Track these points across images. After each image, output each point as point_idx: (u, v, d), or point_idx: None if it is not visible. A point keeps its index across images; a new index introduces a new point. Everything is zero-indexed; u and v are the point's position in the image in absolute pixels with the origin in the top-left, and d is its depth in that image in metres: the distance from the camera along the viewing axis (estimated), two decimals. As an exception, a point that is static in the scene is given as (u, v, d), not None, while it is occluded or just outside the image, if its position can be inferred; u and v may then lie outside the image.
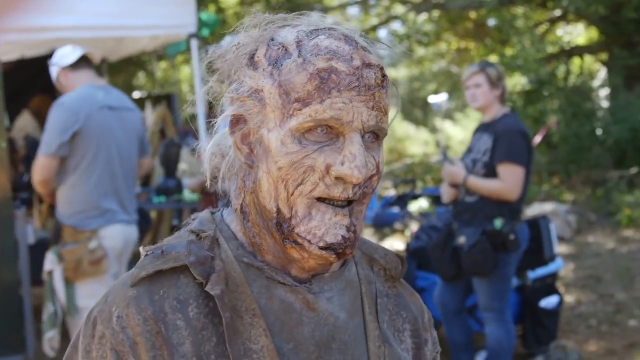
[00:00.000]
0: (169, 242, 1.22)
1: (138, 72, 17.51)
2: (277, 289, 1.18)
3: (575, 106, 13.08)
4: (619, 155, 12.70)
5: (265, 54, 1.16)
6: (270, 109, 1.14)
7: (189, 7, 6.53)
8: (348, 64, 1.11)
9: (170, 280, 1.16)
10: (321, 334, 1.19)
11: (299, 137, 1.11)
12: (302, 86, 1.10)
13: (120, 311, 1.12)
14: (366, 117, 1.11)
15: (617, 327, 6.46)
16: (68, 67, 4.59)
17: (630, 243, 9.40)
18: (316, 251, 1.13)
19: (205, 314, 1.14)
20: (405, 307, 1.37)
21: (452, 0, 15.16)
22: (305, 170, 1.11)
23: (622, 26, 13.14)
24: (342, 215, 1.13)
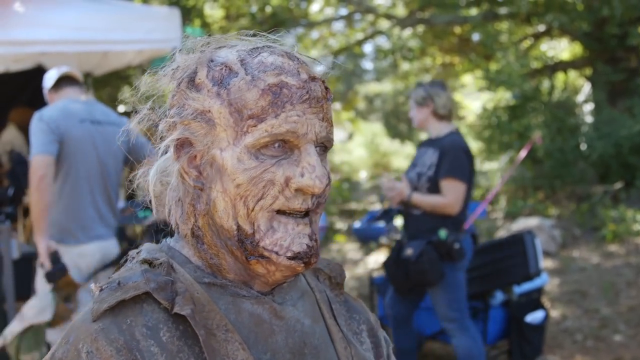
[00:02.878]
0: (121, 275, 1.18)
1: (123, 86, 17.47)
2: (244, 303, 1.18)
3: (559, 121, 13.14)
4: (604, 170, 12.76)
5: (207, 75, 1.17)
6: (221, 128, 1.15)
7: (174, 21, 6.53)
8: (297, 77, 1.14)
9: (134, 309, 1.12)
10: (294, 341, 1.20)
11: (255, 153, 1.12)
12: (255, 102, 1.12)
13: (89, 346, 1.07)
14: (318, 128, 1.15)
15: (603, 342, 6.47)
16: (52, 89, 4.66)
17: (615, 258, 9.43)
18: (285, 262, 1.14)
19: (177, 336, 1.12)
20: (356, 311, 1.41)
21: (436, 16, 15.22)
22: (265, 184, 1.12)
23: (606, 42, 13.23)
24: (303, 225, 1.15)
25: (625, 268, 8.82)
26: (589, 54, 14.50)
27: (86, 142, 4.49)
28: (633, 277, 8.40)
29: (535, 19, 14.40)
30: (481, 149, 15.47)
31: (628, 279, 8.32)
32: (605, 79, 13.32)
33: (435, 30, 16.60)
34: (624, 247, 9.92)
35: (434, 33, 16.80)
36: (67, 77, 4.68)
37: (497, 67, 13.69)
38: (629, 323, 6.90)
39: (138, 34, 6.41)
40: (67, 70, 4.69)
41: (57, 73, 4.66)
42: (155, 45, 6.76)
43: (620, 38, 12.78)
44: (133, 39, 6.46)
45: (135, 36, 6.42)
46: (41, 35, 5.84)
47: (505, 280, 5.50)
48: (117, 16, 6.30)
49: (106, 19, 6.21)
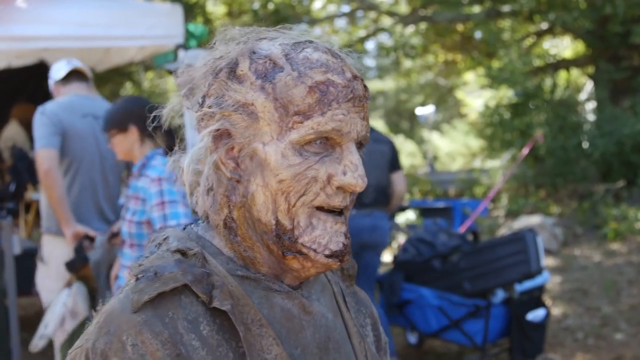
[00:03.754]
0: (154, 264, 1.15)
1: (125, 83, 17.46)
2: (275, 297, 1.19)
3: (561, 119, 13.13)
4: (605, 168, 12.76)
5: (250, 67, 1.16)
6: (264, 122, 1.14)
7: (176, 18, 6.52)
8: (342, 76, 1.14)
9: (173, 301, 1.11)
10: (320, 336, 1.22)
11: (299, 149, 1.12)
12: (302, 99, 1.11)
13: (134, 338, 1.06)
14: (360, 127, 1.15)
15: (604, 341, 6.47)
16: (60, 81, 4.65)
17: (616, 256, 9.43)
18: (322, 259, 1.15)
19: (216, 330, 1.12)
20: (363, 304, 1.42)
21: (439, 13, 15.21)
22: (308, 181, 1.12)
23: (608, 40, 13.22)
24: (341, 223, 1.17)
25: (626, 266, 8.81)
26: (592, 52, 14.50)
27: (88, 136, 4.51)
28: (634, 275, 8.40)
29: (537, 16, 14.39)
30: (483, 147, 15.47)
31: (629, 278, 8.32)
32: (608, 77, 13.32)
33: (438, 28, 16.59)
34: (625, 246, 9.92)
35: (437, 30, 16.80)
36: (77, 71, 4.68)
37: (500, 65, 13.69)
38: (630, 321, 6.90)
39: (140, 30, 6.41)
40: (78, 65, 4.69)
41: (67, 66, 4.65)
42: (157, 42, 6.75)
43: (623, 36, 12.77)
44: (135, 35, 6.46)
45: (138, 32, 6.42)
46: (43, 31, 5.84)
47: (506, 278, 5.50)
48: (119, 12, 6.29)
49: (108, 15, 6.20)
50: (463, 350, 6.22)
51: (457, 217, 10.66)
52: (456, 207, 11.00)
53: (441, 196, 15.52)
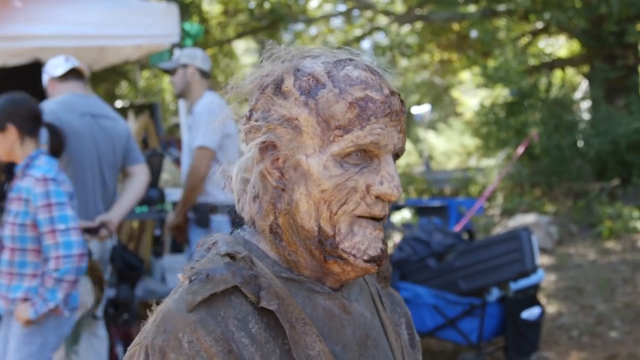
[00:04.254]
0: (205, 267, 1.24)
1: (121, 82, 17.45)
2: (318, 298, 1.27)
3: (556, 118, 13.15)
4: (600, 167, 12.78)
5: (294, 84, 1.24)
6: (307, 136, 1.22)
7: (172, 17, 6.53)
8: (380, 92, 1.22)
9: (224, 302, 1.20)
10: (359, 334, 1.30)
11: (340, 161, 1.21)
12: (343, 114, 1.20)
13: (190, 336, 1.14)
14: (397, 140, 1.24)
15: (598, 339, 6.50)
16: (56, 78, 4.64)
17: (611, 255, 9.45)
18: (361, 264, 1.22)
19: (264, 328, 1.21)
20: (397, 304, 1.50)
21: (435, 12, 15.22)
22: (348, 191, 1.20)
23: (603, 39, 13.23)
24: (379, 230, 1.25)
25: (621, 265, 8.84)
26: (587, 52, 14.52)
27: (86, 135, 4.52)
28: (629, 273, 8.43)
29: (533, 16, 14.41)
30: (479, 146, 15.50)
31: (624, 276, 8.35)
32: (603, 76, 13.32)
33: (434, 27, 16.60)
34: (620, 244, 9.94)
35: (432, 30, 16.80)
36: (75, 70, 4.68)
37: (495, 64, 13.70)
38: (624, 319, 6.93)
39: (136, 29, 6.41)
40: (76, 63, 4.69)
41: (65, 63, 4.65)
42: (153, 41, 6.76)
43: (618, 35, 12.79)
44: (131, 34, 6.46)
45: (133, 31, 6.42)
46: (39, 30, 5.84)
47: (501, 277, 5.52)
48: (115, 11, 6.30)
49: (104, 13, 6.21)
50: (458, 349, 6.23)
51: (452, 215, 10.68)
52: (452, 206, 11.02)
53: (437, 195, 15.54)
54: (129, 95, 18.12)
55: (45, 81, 4.73)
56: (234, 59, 20.92)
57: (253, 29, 16.92)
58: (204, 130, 4.87)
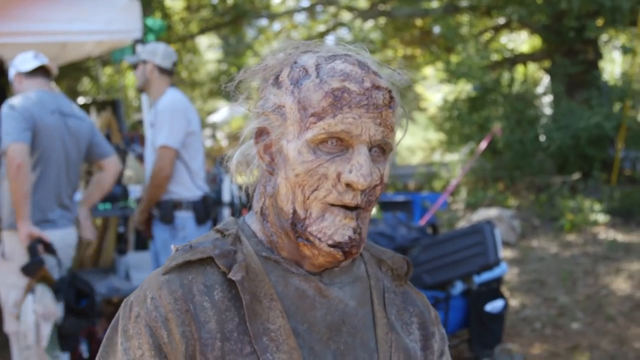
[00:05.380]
0: (197, 240, 1.37)
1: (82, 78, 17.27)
2: (292, 278, 1.33)
3: (519, 113, 13.28)
4: (562, 161, 12.93)
5: (288, 75, 1.32)
6: (290, 122, 1.29)
7: (134, 12, 6.48)
8: (359, 85, 1.26)
9: (198, 269, 1.32)
10: (332, 318, 1.33)
11: (314, 148, 1.26)
12: (318, 103, 1.25)
13: (154, 293, 1.28)
14: (373, 132, 1.26)
15: (561, 330, 6.58)
16: (24, 73, 4.63)
17: (572, 247, 9.57)
18: (325, 248, 1.27)
19: (228, 298, 1.30)
20: (412, 303, 1.51)
21: (398, 8, 15.28)
22: (319, 177, 1.26)
23: (564, 35, 13.38)
24: (350, 219, 1.28)
25: (582, 257, 8.96)
26: (548, 47, 14.66)
27: (55, 133, 4.53)
28: (590, 266, 8.54)
29: (495, 11, 14.52)
30: (442, 141, 15.58)
31: (585, 268, 8.46)
32: (564, 72, 13.47)
33: (397, 23, 16.66)
34: (581, 237, 10.07)
35: (396, 25, 16.87)
36: (43, 67, 4.67)
37: (458, 60, 13.79)
38: (586, 311, 7.02)
39: (97, 25, 6.36)
40: (46, 61, 4.67)
41: (35, 60, 4.63)
42: (115, 36, 6.71)
43: (578, 31, 12.94)
44: (92, 29, 6.41)
45: (95, 27, 6.37)
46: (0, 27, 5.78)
47: (465, 270, 5.56)
48: (76, 7, 6.24)
49: (65, 9, 6.15)
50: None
51: (416, 210, 10.73)
52: (416, 201, 11.07)
53: (401, 190, 15.60)
54: (91, 92, 17.94)
55: (11, 75, 4.71)
56: (197, 54, 20.81)
57: (216, 25, 16.85)
58: (167, 130, 4.84)
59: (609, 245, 9.33)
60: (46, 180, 4.49)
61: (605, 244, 9.47)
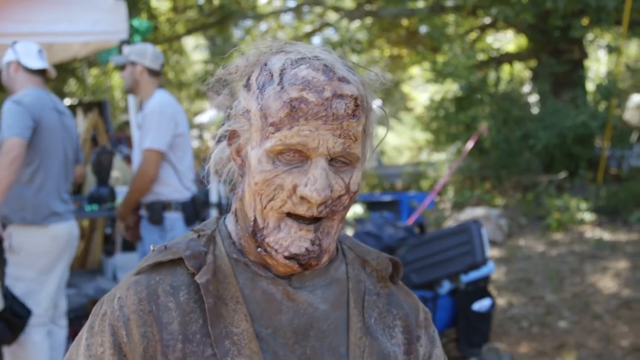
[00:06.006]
0: (175, 240, 1.38)
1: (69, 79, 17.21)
2: (261, 281, 1.32)
3: (505, 112, 13.32)
4: (548, 160, 12.97)
5: (257, 78, 1.29)
6: (254, 128, 1.27)
7: (120, 13, 6.46)
8: (318, 95, 1.21)
9: (168, 270, 1.32)
10: (299, 322, 1.32)
11: (273, 158, 1.24)
12: (277, 112, 1.22)
13: (122, 293, 1.30)
14: (332, 144, 1.22)
15: (548, 329, 6.61)
16: (27, 69, 4.60)
17: (559, 246, 9.61)
18: (282, 260, 1.26)
19: (194, 300, 1.29)
20: (397, 305, 1.47)
21: (384, 8, 15.31)
22: (275, 187, 1.23)
23: (549, 34, 13.43)
24: (306, 230, 1.25)
25: (569, 256, 9.00)
26: (534, 46, 14.73)
27: (56, 130, 4.58)
28: (577, 264, 8.58)
29: (481, 11, 14.57)
30: (429, 140, 15.61)
31: (572, 267, 8.50)
32: (550, 71, 13.53)
33: (383, 23, 16.69)
34: (568, 236, 10.11)
35: (382, 25, 16.90)
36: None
37: (444, 59, 13.82)
38: (573, 309, 7.05)
39: (84, 26, 6.34)
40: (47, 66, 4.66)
41: (40, 58, 4.62)
42: (101, 37, 6.69)
43: (564, 30, 13.00)
44: (78, 31, 6.39)
45: (81, 28, 6.35)
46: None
47: (452, 269, 5.57)
48: (62, 8, 6.22)
49: (52, 11, 6.13)
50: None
51: (404, 210, 10.74)
52: (403, 201, 11.08)
53: (388, 190, 15.62)
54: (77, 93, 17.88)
55: (7, 58, 4.62)
56: (183, 55, 20.79)
57: (202, 25, 16.84)
58: (154, 132, 4.84)
59: (595, 244, 9.37)
60: (50, 176, 4.55)
61: (592, 242, 9.52)
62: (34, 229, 4.47)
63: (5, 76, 4.65)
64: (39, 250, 4.49)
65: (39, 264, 4.51)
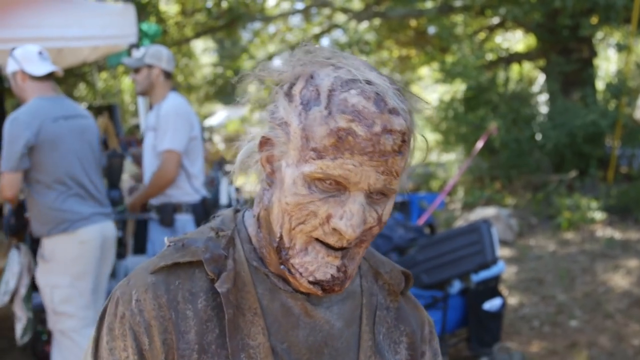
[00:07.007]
0: (191, 236, 1.33)
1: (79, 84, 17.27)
2: (280, 294, 1.29)
3: (515, 112, 13.29)
4: (558, 159, 12.93)
5: (301, 91, 1.21)
6: (292, 145, 1.21)
7: (129, 17, 6.50)
8: (368, 129, 1.14)
9: (187, 272, 1.28)
10: (315, 339, 1.29)
11: (309, 183, 1.18)
12: (321, 139, 1.16)
13: (139, 295, 1.24)
14: (374, 180, 1.17)
15: (559, 328, 6.59)
16: (31, 76, 4.50)
17: (570, 245, 9.59)
18: (305, 284, 1.22)
19: (212, 307, 1.25)
20: (404, 321, 1.45)
21: (392, 9, 15.30)
22: (308, 213, 1.19)
23: (558, 33, 13.40)
24: (334, 257, 1.22)
25: (580, 255, 8.98)
26: (543, 46, 14.68)
27: (60, 139, 4.44)
28: (588, 263, 8.56)
29: (489, 11, 14.54)
30: (439, 141, 15.60)
31: (583, 266, 8.48)
32: (559, 70, 13.49)
33: (392, 24, 16.68)
34: (579, 235, 10.09)
35: (390, 26, 16.89)
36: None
37: (453, 60, 13.80)
38: (584, 308, 7.04)
39: (93, 30, 6.37)
40: (55, 68, 4.58)
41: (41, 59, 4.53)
42: (110, 42, 6.73)
43: (573, 29, 12.96)
44: (88, 35, 6.42)
45: (90, 32, 6.38)
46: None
47: (462, 269, 5.57)
48: (72, 12, 6.25)
49: (61, 15, 6.16)
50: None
51: (414, 211, 10.74)
52: (413, 201, 11.08)
53: (398, 191, 15.58)
54: (87, 97, 17.95)
55: (11, 69, 4.53)
56: (192, 58, 20.83)
57: (211, 28, 16.86)
58: (171, 133, 4.85)
59: (606, 243, 9.35)
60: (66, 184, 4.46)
61: (603, 241, 9.50)
62: (63, 237, 4.44)
63: (15, 87, 4.57)
64: (70, 256, 4.46)
65: (72, 270, 4.48)
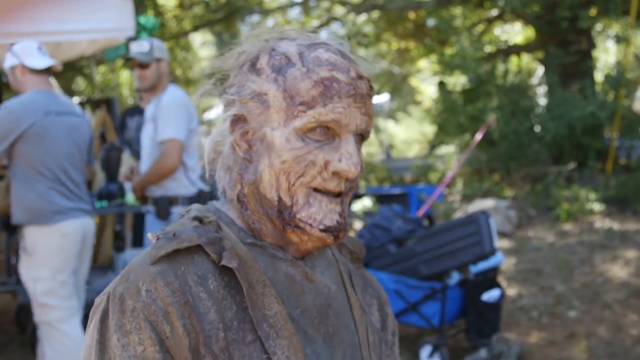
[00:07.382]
0: (175, 228, 1.33)
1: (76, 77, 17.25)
2: (280, 264, 1.33)
3: (513, 104, 13.30)
4: (557, 151, 12.94)
5: (268, 62, 1.31)
6: (274, 110, 1.29)
7: (127, 10, 6.49)
8: (347, 74, 1.28)
9: (187, 258, 1.28)
10: (320, 302, 1.35)
11: (302, 136, 1.26)
12: (307, 92, 1.26)
13: (148, 285, 1.22)
14: (359, 121, 1.29)
15: (558, 318, 6.61)
16: (30, 69, 4.56)
17: (568, 236, 9.60)
18: (317, 233, 1.28)
19: (222, 286, 1.27)
20: (370, 285, 1.56)
21: (391, 1, 15.29)
22: (307, 164, 1.26)
23: (557, 25, 13.40)
24: (335, 204, 1.30)
25: (579, 246, 8.99)
26: (541, 37, 14.68)
27: (50, 133, 4.49)
28: (586, 254, 8.58)
29: (488, 3, 14.55)
30: (437, 133, 15.60)
31: (582, 257, 8.49)
32: (558, 62, 13.49)
33: (390, 16, 16.67)
34: (577, 226, 10.10)
35: (389, 19, 16.87)
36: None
37: (452, 52, 13.80)
38: (582, 299, 7.06)
39: (91, 24, 6.37)
40: (54, 62, 4.63)
41: (40, 54, 4.58)
42: (108, 35, 6.73)
43: (571, 21, 12.96)
44: (85, 28, 6.43)
45: (88, 26, 6.38)
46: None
47: (461, 260, 5.59)
48: (69, 6, 6.25)
49: (58, 9, 6.16)
50: (421, 333, 6.31)
51: (413, 203, 10.77)
52: (412, 193, 11.11)
53: (397, 183, 15.63)
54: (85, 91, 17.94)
55: (10, 63, 4.59)
56: (190, 51, 20.81)
57: (209, 21, 16.85)
58: (173, 123, 4.91)
59: (605, 234, 9.37)
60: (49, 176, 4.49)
61: (601, 232, 9.51)
62: (44, 229, 4.48)
63: (13, 81, 4.61)
64: (51, 249, 4.49)
65: (54, 263, 4.52)
